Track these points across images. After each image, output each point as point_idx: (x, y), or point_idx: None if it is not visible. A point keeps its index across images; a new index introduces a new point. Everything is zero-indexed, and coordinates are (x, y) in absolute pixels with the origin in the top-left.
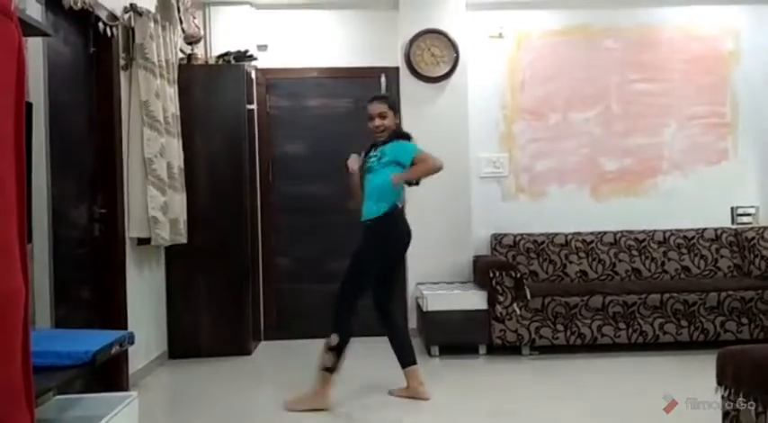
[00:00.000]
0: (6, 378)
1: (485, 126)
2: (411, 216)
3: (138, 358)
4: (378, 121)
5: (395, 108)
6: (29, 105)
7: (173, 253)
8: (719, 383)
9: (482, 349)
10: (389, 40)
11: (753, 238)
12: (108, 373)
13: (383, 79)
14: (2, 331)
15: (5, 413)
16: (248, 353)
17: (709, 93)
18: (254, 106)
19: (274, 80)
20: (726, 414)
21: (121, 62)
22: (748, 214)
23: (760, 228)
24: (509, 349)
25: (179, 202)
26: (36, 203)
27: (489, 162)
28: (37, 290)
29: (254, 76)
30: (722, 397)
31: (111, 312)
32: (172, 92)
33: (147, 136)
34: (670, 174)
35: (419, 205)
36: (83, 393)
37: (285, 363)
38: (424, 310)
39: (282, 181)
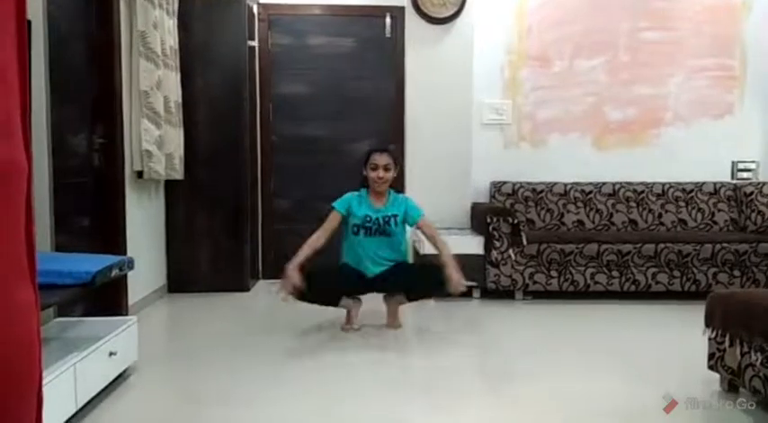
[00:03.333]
0: (10, 254)
1: (489, 71)
2: (411, 160)
3: (137, 290)
4: (382, 173)
5: (398, 162)
6: (28, 22)
7: (172, 188)
8: (707, 325)
9: (476, 293)
10: None
11: (751, 194)
12: (108, 299)
13: (388, 19)
14: (5, 204)
15: (11, 288)
16: (246, 289)
17: (718, 45)
18: (255, 43)
19: (276, 16)
20: (711, 355)
21: None
22: (748, 170)
23: (759, 183)
24: (502, 294)
25: (175, 136)
26: (35, 131)
27: (492, 109)
28: (37, 216)
29: (255, 10)
30: (709, 338)
31: (111, 241)
32: (171, 24)
33: (143, 67)
34: (673, 125)
35: (419, 151)
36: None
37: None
38: (421, 252)
39: (283, 121)
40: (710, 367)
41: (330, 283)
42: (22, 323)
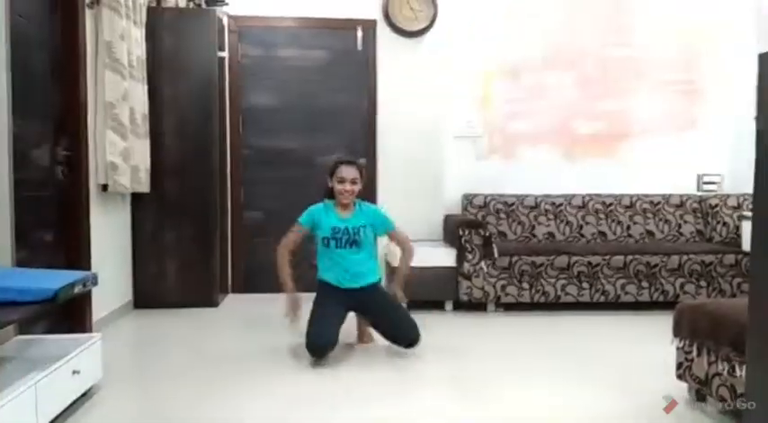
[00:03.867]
0: None
1: (461, 84)
2: (383, 173)
3: (101, 306)
4: (349, 186)
5: (364, 174)
6: None
7: (139, 201)
8: (676, 335)
9: (448, 305)
10: None
11: (716, 206)
12: (71, 316)
13: (359, 32)
14: None
15: None
16: (215, 305)
17: (681, 60)
18: (225, 54)
19: (247, 28)
20: (680, 364)
21: (87, 0)
22: (713, 182)
23: (724, 195)
24: (475, 306)
25: (141, 148)
26: None
27: (464, 121)
28: None
29: (225, 22)
30: (677, 348)
31: (75, 256)
32: (138, 35)
33: (109, 79)
34: (640, 139)
35: (391, 163)
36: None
37: (251, 315)
38: (392, 265)
39: (253, 133)
40: (679, 376)
41: (323, 328)
42: None
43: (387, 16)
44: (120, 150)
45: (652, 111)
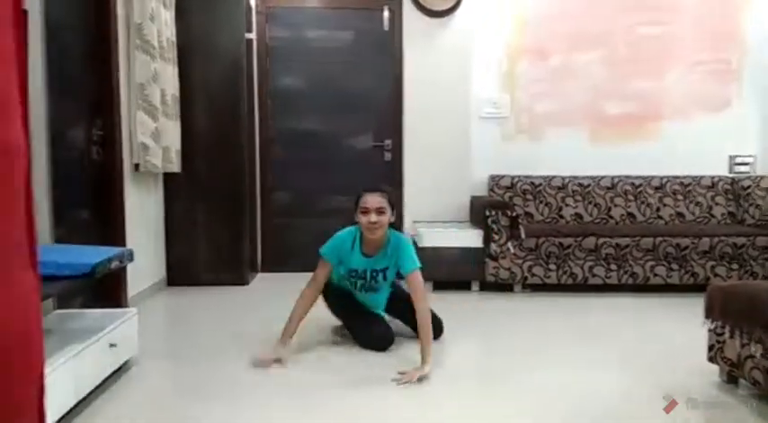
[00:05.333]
0: (11, 236)
1: (487, 65)
2: (409, 154)
3: (136, 283)
4: (375, 217)
5: (393, 205)
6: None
7: (171, 181)
8: (707, 317)
9: (475, 286)
10: None
11: (748, 187)
12: (107, 292)
13: (386, 12)
14: (4, 185)
15: (13, 269)
16: (245, 283)
17: (716, 39)
18: (253, 36)
19: (274, 9)
20: (711, 347)
21: None
22: (746, 163)
23: (756, 177)
24: (501, 287)
25: (172, 129)
26: (34, 123)
27: (490, 102)
28: (35, 209)
29: (253, 3)
30: (709, 330)
31: (110, 234)
32: (168, 16)
33: (139, 60)
34: (671, 119)
35: (417, 144)
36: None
37: (280, 293)
38: (419, 246)
39: (281, 115)
40: (710, 359)
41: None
42: (23, 305)
43: None
44: (151, 131)
45: (683, 91)
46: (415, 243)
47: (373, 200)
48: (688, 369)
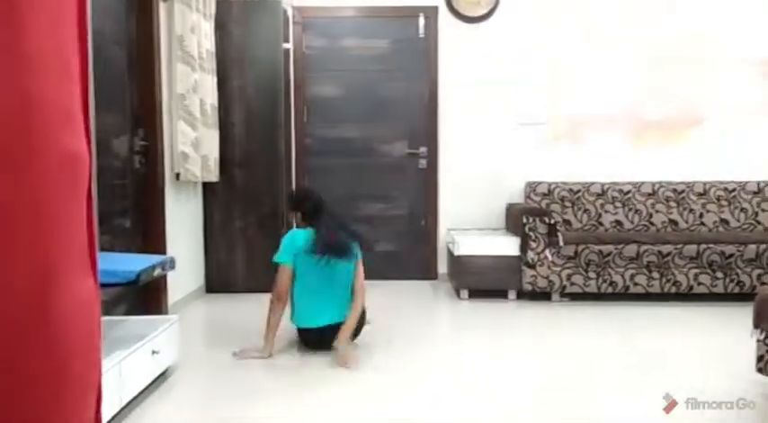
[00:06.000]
0: (76, 245)
1: (524, 70)
2: (444, 161)
3: (176, 290)
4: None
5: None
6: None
7: (210, 190)
8: (756, 326)
9: (511, 294)
10: None
11: None
12: (149, 299)
13: (421, 19)
14: (70, 192)
15: (78, 278)
16: None
17: (759, 39)
18: (290, 45)
19: (311, 19)
20: (760, 357)
21: None
22: None
23: None
24: (538, 295)
25: (211, 139)
26: None
27: (528, 108)
28: None
29: (290, 13)
30: (758, 340)
31: (151, 242)
32: (207, 27)
33: (180, 71)
34: (714, 123)
35: (452, 151)
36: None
37: None
38: (455, 254)
39: (316, 123)
40: (759, 370)
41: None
42: (87, 313)
43: (449, 2)
44: (191, 140)
45: (727, 93)
46: (449, 251)
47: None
48: (736, 380)
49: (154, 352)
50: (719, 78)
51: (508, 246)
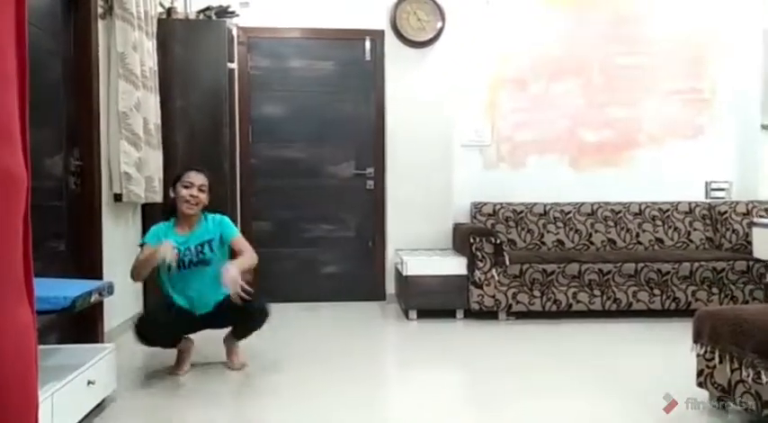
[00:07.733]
0: (10, 271)
1: (468, 94)
2: (392, 182)
3: (113, 316)
4: (196, 191)
5: (212, 189)
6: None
7: (150, 212)
8: (696, 342)
9: (459, 314)
10: (375, 2)
11: (725, 212)
12: (84, 327)
13: (367, 43)
14: (4, 215)
15: (12, 307)
16: None
17: (688, 68)
18: (234, 65)
19: (256, 39)
20: (700, 372)
21: (99, 11)
22: (722, 189)
23: (732, 202)
24: (485, 314)
25: (154, 159)
26: None
27: (471, 130)
28: None
29: (235, 33)
30: (698, 355)
31: (87, 267)
32: (150, 45)
33: (122, 89)
34: (647, 147)
35: (400, 172)
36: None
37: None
38: (403, 274)
39: (262, 144)
40: (699, 384)
41: (164, 325)
42: (23, 343)
43: (394, 27)
44: (134, 160)
45: (659, 119)
46: (398, 271)
47: (198, 177)
48: (677, 394)
49: (89, 382)
50: (651, 105)
51: (456, 265)
